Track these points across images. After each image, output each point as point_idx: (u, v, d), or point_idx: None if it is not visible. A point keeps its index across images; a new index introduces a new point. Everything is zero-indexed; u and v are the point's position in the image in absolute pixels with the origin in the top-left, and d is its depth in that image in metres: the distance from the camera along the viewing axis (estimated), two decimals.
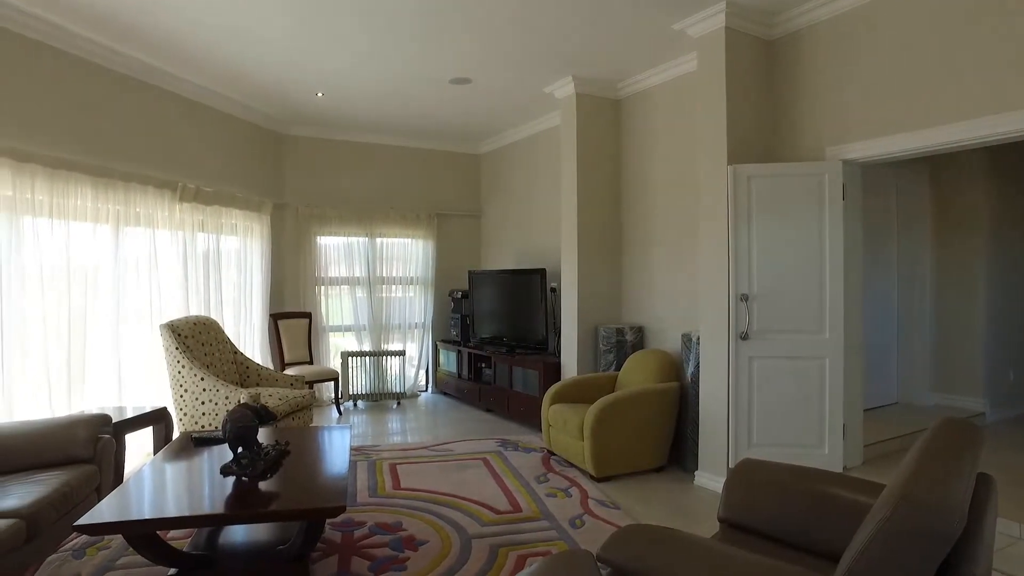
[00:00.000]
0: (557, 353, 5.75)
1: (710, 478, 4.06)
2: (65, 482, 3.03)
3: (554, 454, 4.76)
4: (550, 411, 4.69)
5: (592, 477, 4.22)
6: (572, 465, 4.50)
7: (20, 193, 3.83)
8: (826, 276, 3.78)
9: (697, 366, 4.24)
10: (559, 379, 5.41)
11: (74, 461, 3.29)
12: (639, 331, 5.16)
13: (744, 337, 3.88)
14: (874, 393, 5.42)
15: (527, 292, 6.09)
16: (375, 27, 4.20)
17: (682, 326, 4.77)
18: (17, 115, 3.88)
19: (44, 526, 2.80)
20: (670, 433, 4.43)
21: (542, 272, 5.90)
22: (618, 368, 5.04)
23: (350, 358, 6.80)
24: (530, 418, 5.63)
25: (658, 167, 5.06)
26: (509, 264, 7.20)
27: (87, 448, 3.34)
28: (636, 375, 4.63)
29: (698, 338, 4.24)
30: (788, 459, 2.70)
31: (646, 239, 5.19)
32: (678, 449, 4.52)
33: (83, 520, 2.33)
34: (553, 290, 6.00)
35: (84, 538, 3.24)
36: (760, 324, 3.87)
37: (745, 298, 3.88)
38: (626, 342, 5.09)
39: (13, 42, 3.85)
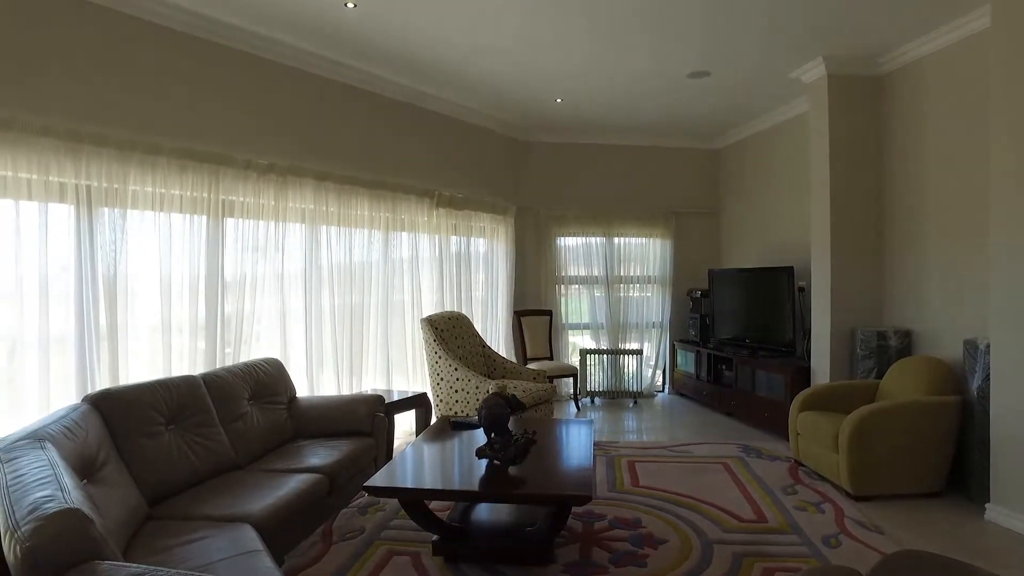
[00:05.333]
0: (806, 357, 5.33)
1: (1006, 514, 3.42)
2: (352, 450, 3.65)
3: (802, 465, 4.43)
4: (799, 418, 4.38)
5: (848, 494, 3.85)
6: (824, 479, 4.15)
7: (319, 206, 4.72)
8: None
9: (986, 378, 3.63)
10: (808, 385, 5.03)
11: (356, 433, 3.96)
12: (906, 335, 4.56)
13: None
14: None
15: (772, 291, 5.73)
16: (612, 28, 4.30)
17: (963, 331, 4.10)
18: (318, 143, 4.79)
19: (340, 483, 3.41)
20: (948, 455, 3.84)
21: (789, 270, 5.51)
22: (879, 376, 4.52)
23: (588, 356, 7.04)
24: (774, 424, 5.29)
25: (931, 148, 4.41)
26: (751, 262, 6.82)
27: (367, 423, 3.98)
28: (902, 385, 4.11)
29: (988, 345, 3.62)
30: None
31: (915, 231, 4.56)
32: (960, 474, 3.91)
33: (369, 482, 2.79)
34: (801, 289, 5.56)
35: (366, 498, 3.85)
36: None
37: None
38: (889, 347, 4.53)
39: (310, 82, 4.74)
